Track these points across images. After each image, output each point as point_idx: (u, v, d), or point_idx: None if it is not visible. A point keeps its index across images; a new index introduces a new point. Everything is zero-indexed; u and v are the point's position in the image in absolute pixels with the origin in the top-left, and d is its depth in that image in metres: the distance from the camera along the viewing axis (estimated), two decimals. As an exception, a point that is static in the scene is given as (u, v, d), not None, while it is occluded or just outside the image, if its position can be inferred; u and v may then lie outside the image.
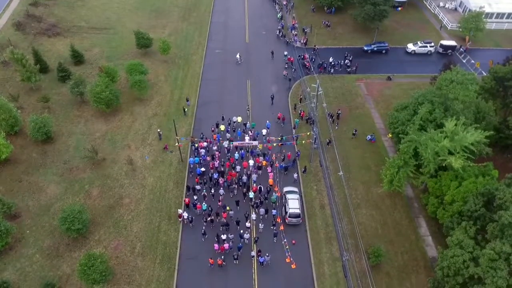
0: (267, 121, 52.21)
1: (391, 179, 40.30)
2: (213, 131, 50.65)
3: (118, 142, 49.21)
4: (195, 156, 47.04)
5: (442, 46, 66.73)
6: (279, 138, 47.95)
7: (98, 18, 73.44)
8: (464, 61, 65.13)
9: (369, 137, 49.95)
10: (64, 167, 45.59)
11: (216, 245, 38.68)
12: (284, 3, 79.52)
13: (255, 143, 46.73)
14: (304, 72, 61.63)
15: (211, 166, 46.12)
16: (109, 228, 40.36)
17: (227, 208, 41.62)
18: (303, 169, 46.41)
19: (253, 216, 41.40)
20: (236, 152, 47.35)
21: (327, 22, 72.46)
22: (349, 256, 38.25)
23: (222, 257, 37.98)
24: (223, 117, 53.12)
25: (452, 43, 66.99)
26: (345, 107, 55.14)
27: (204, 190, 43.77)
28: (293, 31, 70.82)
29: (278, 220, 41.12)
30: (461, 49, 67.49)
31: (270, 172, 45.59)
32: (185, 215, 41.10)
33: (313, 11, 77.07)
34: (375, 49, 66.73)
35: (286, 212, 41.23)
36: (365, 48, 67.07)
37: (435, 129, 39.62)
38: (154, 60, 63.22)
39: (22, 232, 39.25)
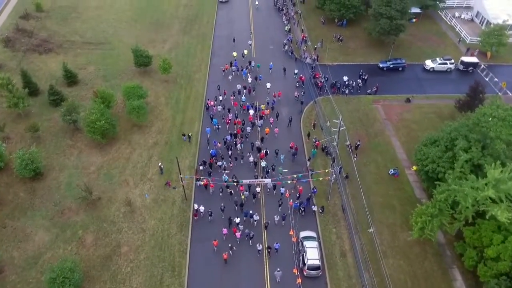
0: (270, 63, 61.11)
1: (423, 227, 35.82)
2: (223, 71, 60.34)
3: (115, 178, 44.51)
4: (212, 118, 51.45)
5: (462, 63, 62.17)
6: (294, 176, 43.32)
7: (93, 31, 68.60)
8: (487, 79, 60.64)
9: (391, 171, 45.38)
10: (55, 209, 40.87)
11: (225, 230, 38.82)
12: (292, 14, 74.79)
13: (267, 181, 42.14)
14: (317, 92, 57.04)
15: (227, 121, 50.93)
16: (106, 284, 35.68)
17: (242, 196, 41.99)
18: (320, 209, 41.91)
19: (258, 189, 42.76)
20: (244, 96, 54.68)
21: (338, 36, 67.78)
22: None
23: (233, 247, 37.78)
24: (234, 38, 67.62)
25: (473, 59, 62.43)
26: (363, 135, 50.57)
27: (225, 163, 45.77)
28: (302, 46, 66.19)
29: (295, 271, 36.60)
30: (467, 53, 64.82)
31: (272, 123, 51.04)
32: (202, 208, 40.81)
33: (323, 24, 72.35)
34: (391, 66, 62.16)
35: (304, 264, 36.65)
36: (381, 65, 62.48)
37: (471, 170, 35.22)
38: (154, 79, 58.49)
39: (6, 290, 34.70)
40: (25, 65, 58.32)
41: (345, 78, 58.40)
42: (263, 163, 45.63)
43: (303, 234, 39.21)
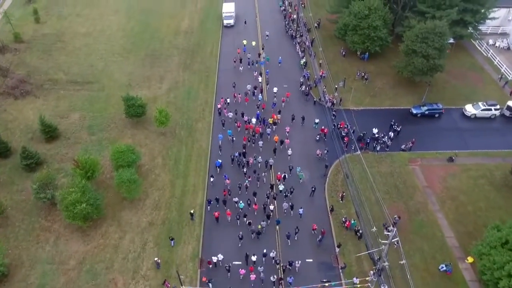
0: (279, 57, 61.65)
1: None
2: (234, 61, 61.45)
3: (100, 276, 35.67)
4: (223, 123, 50.67)
5: (509, 108, 53.23)
6: (324, 281, 34.59)
7: (80, 66, 59.47)
8: (538, 128, 52.03)
9: (443, 266, 36.49)
10: (20, 329, 32.24)
11: (242, 271, 35.45)
12: (307, 43, 65.66)
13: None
14: (343, 148, 48.14)
15: (238, 124, 49.85)
16: None
17: (259, 226, 39.14)
18: (357, 322, 33.39)
19: (271, 206, 41.08)
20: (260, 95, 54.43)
21: (363, 73, 58.81)
22: None
23: None
24: (245, 21, 71.64)
25: (522, 104, 53.66)
26: (402, 209, 41.85)
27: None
28: (322, 85, 57.15)
29: None
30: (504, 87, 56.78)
31: (288, 131, 49.44)
32: (220, 257, 36.48)
33: (343, 56, 63.32)
34: (427, 113, 53.32)
35: None
36: (414, 111, 53.56)
37: None
38: (149, 131, 49.53)
39: None
40: (-3, 114, 49.58)
41: (375, 131, 49.62)
42: (281, 187, 42.92)
43: None
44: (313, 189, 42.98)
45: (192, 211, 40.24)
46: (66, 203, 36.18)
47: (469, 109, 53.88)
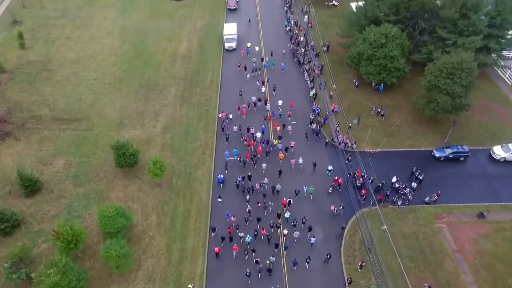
0: (282, 63, 60.89)
1: None
2: (239, 66, 60.93)
3: None
4: (227, 138, 49.10)
5: (543, 151, 48.15)
6: None
7: (67, 100, 53.98)
8: None
9: None
10: None
11: None
12: (316, 71, 60.15)
13: None
14: (360, 201, 42.89)
15: (245, 138, 48.68)
16: None
17: (267, 261, 36.44)
18: None
19: (285, 231, 39.37)
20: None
21: (378, 109, 53.38)
22: None
23: None
24: (249, 20, 72.04)
25: (557, 147, 48.38)
26: (430, 281, 36.53)
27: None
28: (334, 123, 51.76)
29: None
30: None
31: (293, 146, 47.99)
32: None
33: (356, 86, 57.84)
34: (451, 156, 48.01)
35: None
36: (437, 155, 48.19)
37: None
38: (143, 182, 44.12)
39: None
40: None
41: (394, 179, 44.40)
42: (287, 214, 40.44)
43: None
44: (329, 256, 37.66)
45: (190, 286, 34.99)
46: (43, 287, 30.95)
47: (498, 152, 48.54)
